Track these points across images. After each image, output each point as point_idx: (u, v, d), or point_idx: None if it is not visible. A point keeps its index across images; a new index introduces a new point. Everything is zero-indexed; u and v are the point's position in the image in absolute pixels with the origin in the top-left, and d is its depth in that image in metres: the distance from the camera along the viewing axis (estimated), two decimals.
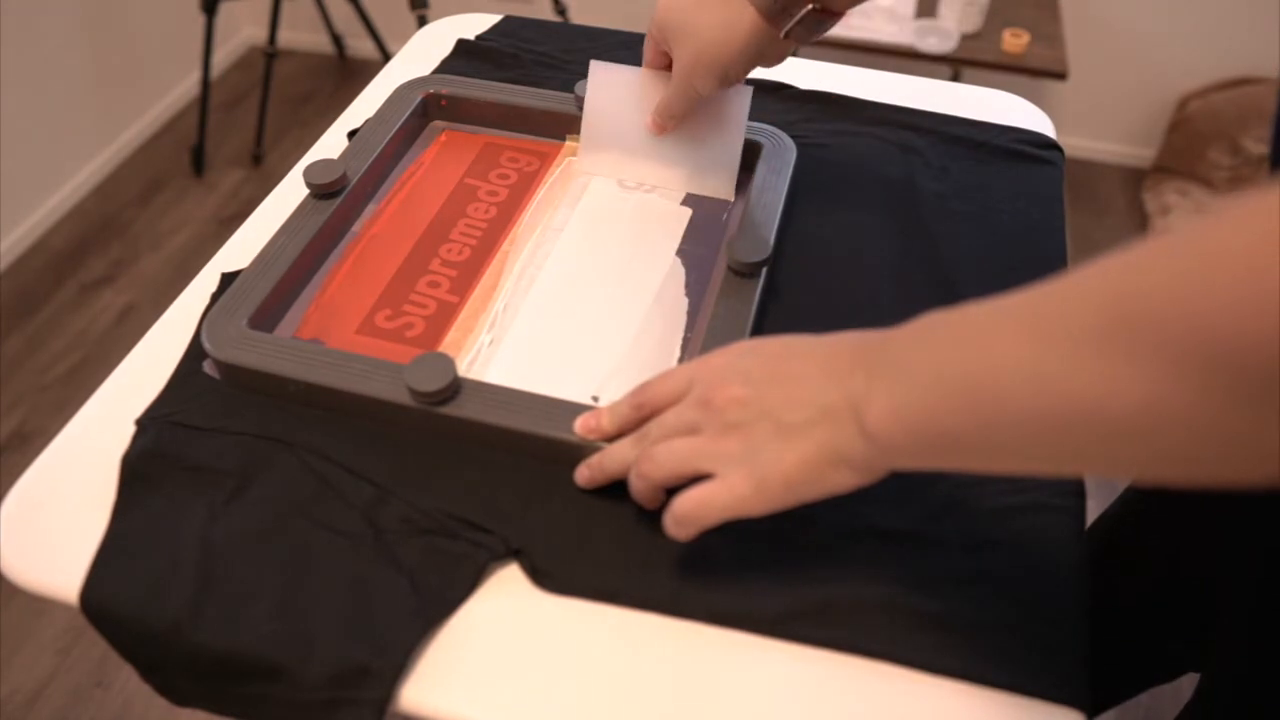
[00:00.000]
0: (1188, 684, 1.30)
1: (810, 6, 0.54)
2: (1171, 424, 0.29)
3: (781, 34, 0.55)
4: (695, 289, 0.60)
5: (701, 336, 0.55)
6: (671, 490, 0.44)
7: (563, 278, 0.61)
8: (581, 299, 0.59)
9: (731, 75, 0.59)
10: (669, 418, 0.45)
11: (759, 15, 0.55)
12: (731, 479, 0.42)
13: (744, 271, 0.57)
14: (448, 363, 0.50)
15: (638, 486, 0.45)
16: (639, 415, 0.47)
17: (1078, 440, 0.33)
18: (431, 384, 0.49)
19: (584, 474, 0.48)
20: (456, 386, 0.50)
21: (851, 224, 0.64)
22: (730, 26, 0.56)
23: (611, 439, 0.48)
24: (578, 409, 0.49)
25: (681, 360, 0.55)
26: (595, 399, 0.53)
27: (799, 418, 0.41)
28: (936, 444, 0.37)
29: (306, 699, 0.43)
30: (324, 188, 0.62)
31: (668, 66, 0.63)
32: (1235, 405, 0.28)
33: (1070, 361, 0.32)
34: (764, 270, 0.57)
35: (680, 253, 0.62)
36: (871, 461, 0.39)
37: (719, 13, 0.56)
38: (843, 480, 0.40)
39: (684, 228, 0.64)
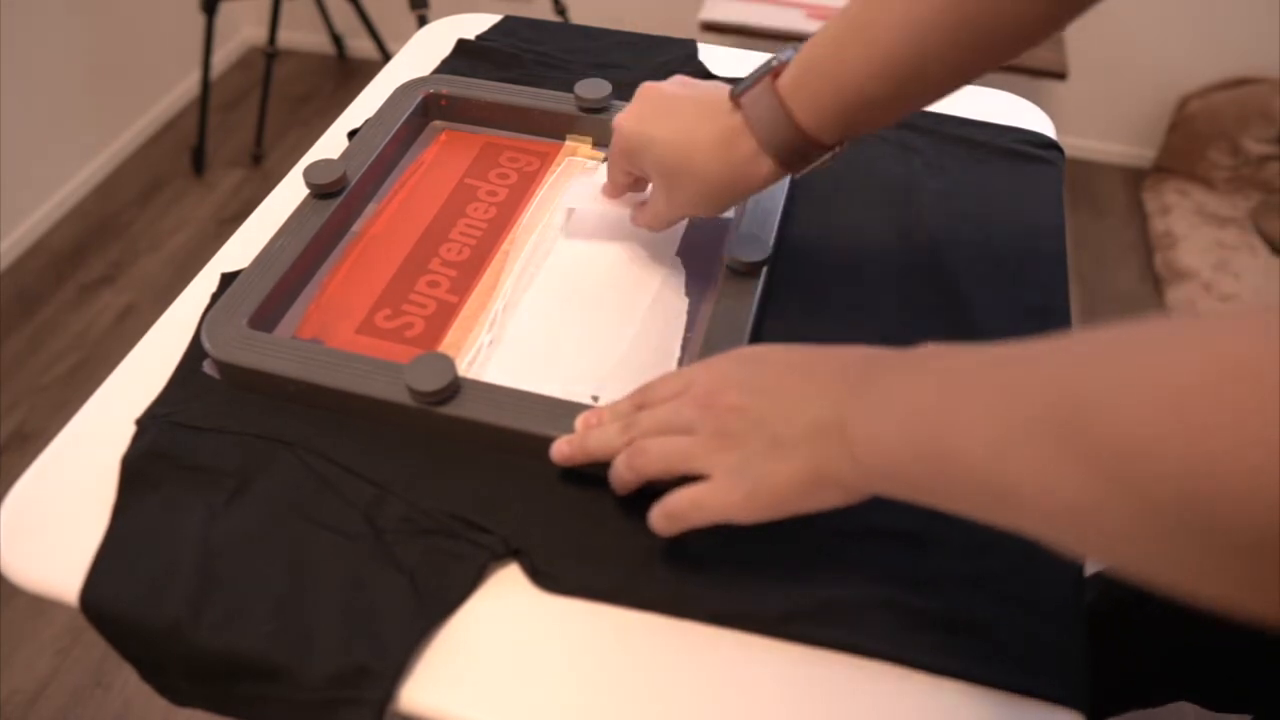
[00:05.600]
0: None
1: (835, 151, 0.52)
2: (1100, 530, 0.30)
3: (800, 174, 0.53)
4: (695, 289, 0.60)
5: (701, 336, 0.55)
6: (648, 487, 0.45)
7: (563, 277, 0.61)
8: (581, 299, 0.59)
9: (730, 207, 0.57)
10: (662, 412, 0.45)
11: (776, 164, 0.52)
12: (723, 485, 0.42)
13: (744, 271, 0.57)
14: (447, 363, 0.50)
15: (624, 476, 0.46)
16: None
17: (1022, 520, 0.33)
18: (431, 384, 0.49)
19: (563, 450, 0.48)
20: (456, 386, 0.50)
21: (851, 224, 0.64)
22: (741, 173, 0.52)
23: None
24: (578, 409, 0.49)
25: (681, 360, 0.55)
26: (595, 399, 0.53)
27: (792, 433, 0.41)
28: (906, 483, 0.38)
29: (306, 699, 0.43)
30: (324, 188, 0.62)
31: (634, 185, 0.61)
32: (1167, 531, 0.27)
33: (1018, 445, 0.32)
34: (764, 270, 0.57)
35: (680, 252, 0.62)
36: (856, 483, 0.40)
37: (725, 156, 0.52)
38: (830, 498, 0.41)
39: (684, 228, 0.64)
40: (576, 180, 0.67)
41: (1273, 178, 1.89)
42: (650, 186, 0.58)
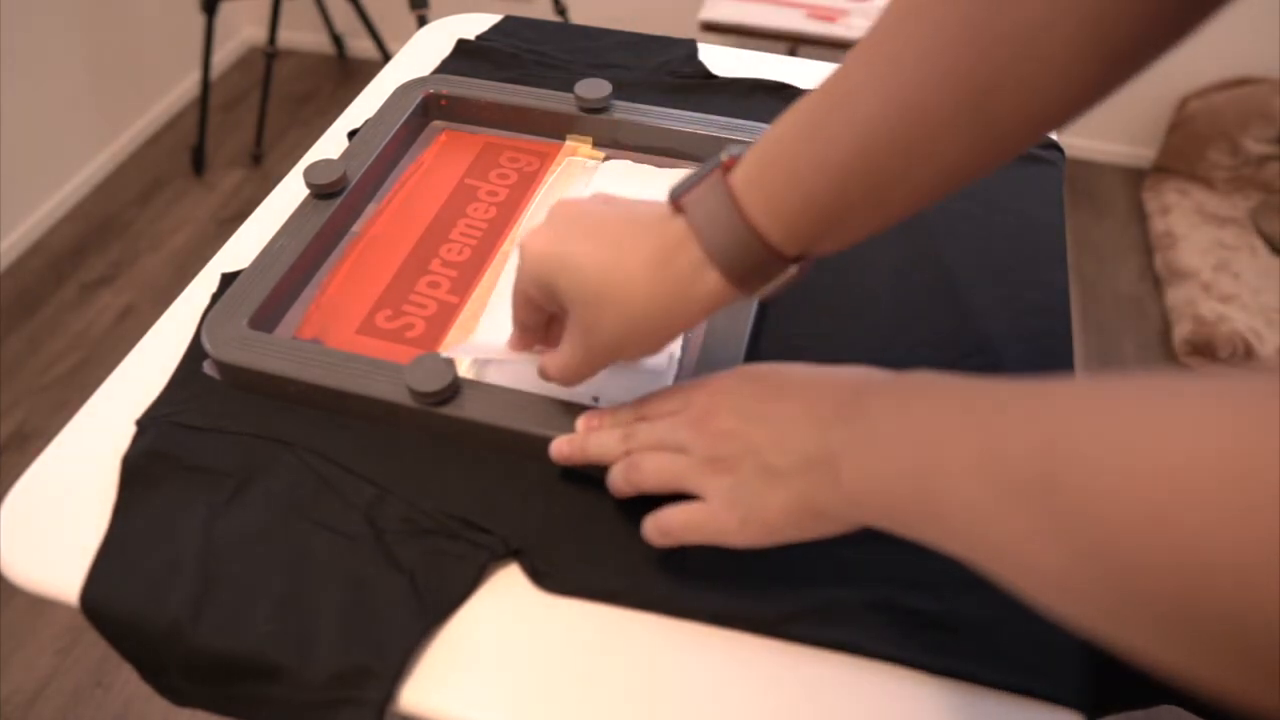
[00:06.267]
0: None
1: (794, 268, 0.42)
2: (1079, 604, 0.29)
3: (755, 297, 0.44)
4: None
5: (700, 337, 0.55)
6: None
7: None
8: None
9: (669, 343, 0.46)
10: (659, 428, 0.45)
11: (725, 280, 0.42)
12: (718, 510, 0.42)
13: None
14: (448, 363, 0.50)
15: (620, 487, 0.46)
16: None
17: (1005, 576, 0.32)
18: (431, 384, 0.49)
19: (563, 449, 0.48)
20: (456, 387, 0.50)
21: None
22: (680, 293, 0.42)
23: None
24: (578, 409, 0.49)
25: (680, 360, 0.55)
26: (596, 399, 0.53)
27: (782, 462, 0.41)
28: (894, 520, 0.37)
29: (307, 699, 0.43)
30: (324, 188, 0.62)
31: (545, 330, 0.50)
32: (1146, 617, 0.26)
33: (996, 503, 0.31)
34: None
35: None
36: (847, 515, 0.39)
37: (661, 273, 0.42)
38: (822, 528, 0.40)
39: None
40: (471, 342, 0.56)
41: (1273, 178, 1.89)
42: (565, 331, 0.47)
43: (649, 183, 0.68)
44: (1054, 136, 0.72)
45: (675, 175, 0.68)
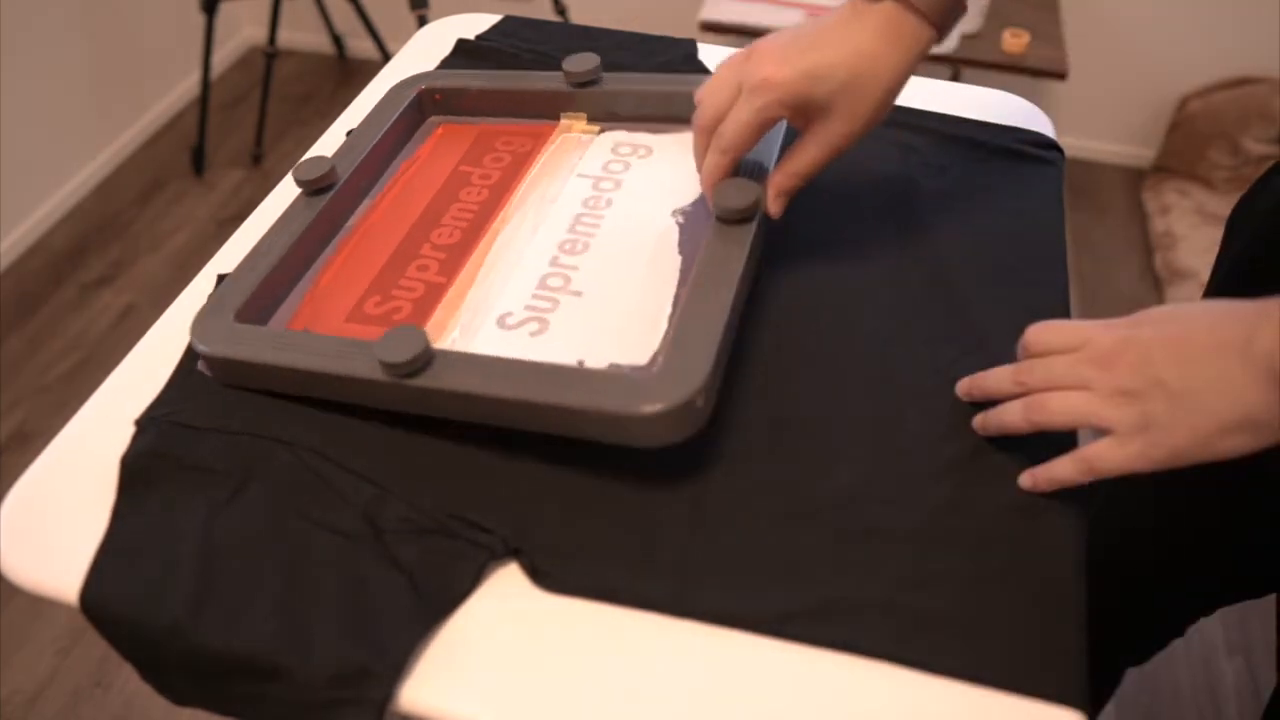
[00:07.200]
0: (1187, 681, 1.31)
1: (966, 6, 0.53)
2: None
3: (943, 39, 0.54)
4: (688, 247, 0.59)
5: (689, 288, 0.52)
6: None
7: (553, 247, 0.60)
8: (571, 267, 0.58)
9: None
10: (1059, 367, 0.47)
11: (938, 35, 0.53)
12: (1126, 439, 0.44)
13: (731, 219, 0.55)
14: (418, 335, 0.49)
15: (1018, 424, 0.48)
16: (1025, 354, 0.49)
17: None
18: (401, 355, 0.48)
19: (963, 385, 0.52)
20: (428, 357, 0.49)
21: (850, 224, 0.64)
22: (911, 55, 0.53)
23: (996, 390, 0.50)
24: (559, 372, 0.48)
25: (672, 317, 0.54)
26: (580, 363, 0.52)
27: (1194, 384, 0.42)
28: None
29: (306, 699, 0.43)
30: (313, 184, 0.62)
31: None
32: None
33: None
34: (756, 216, 0.55)
35: (675, 212, 0.61)
36: (1269, 412, 0.40)
37: (896, 44, 0.52)
38: (1235, 445, 0.42)
39: (680, 192, 0.63)
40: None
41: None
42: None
43: (650, 150, 0.67)
44: (1054, 136, 0.72)
45: (672, 140, 0.67)
